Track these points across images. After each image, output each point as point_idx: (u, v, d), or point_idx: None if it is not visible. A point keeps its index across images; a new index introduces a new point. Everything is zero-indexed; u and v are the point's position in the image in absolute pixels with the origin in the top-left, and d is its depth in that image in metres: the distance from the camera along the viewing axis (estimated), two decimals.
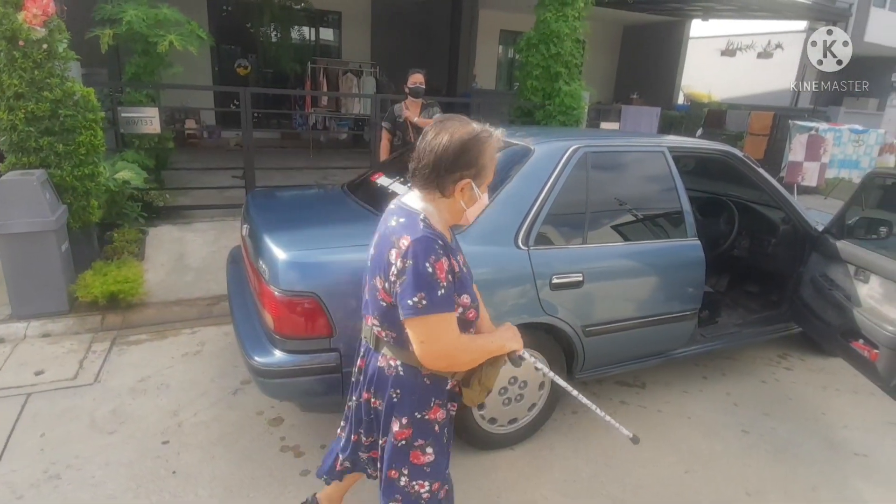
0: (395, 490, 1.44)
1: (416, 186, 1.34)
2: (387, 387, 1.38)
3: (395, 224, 1.30)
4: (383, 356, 1.39)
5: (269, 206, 2.74)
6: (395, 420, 1.39)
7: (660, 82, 13.32)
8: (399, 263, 1.23)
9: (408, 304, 1.21)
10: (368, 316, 1.41)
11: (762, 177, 2.95)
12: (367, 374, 1.44)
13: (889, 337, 2.36)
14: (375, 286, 1.33)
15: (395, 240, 1.26)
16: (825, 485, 2.34)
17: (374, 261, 1.35)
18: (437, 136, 1.28)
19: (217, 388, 2.76)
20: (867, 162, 8.03)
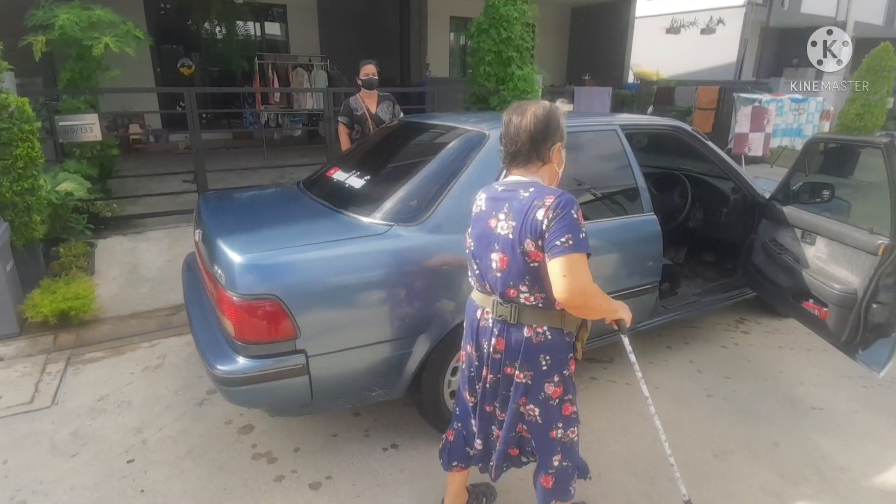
0: (556, 446, 1.63)
1: (519, 164, 1.52)
2: (537, 355, 1.52)
3: (527, 194, 1.44)
4: (529, 327, 1.51)
5: (221, 209, 2.65)
6: (549, 384, 1.56)
7: (610, 62, 13.52)
8: (550, 214, 1.38)
9: (556, 244, 1.37)
10: (507, 290, 1.50)
11: (710, 149, 3.04)
12: (509, 350, 1.54)
13: (836, 295, 2.47)
14: (521, 255, 1.44)
15: (538, 202, 1.41)
16: (786, 440, 2.45)
17: (510, 236, 1.45)
18: (522, 118, 1.49)
19: (182, 400, 2.67)
20: (809, 129, 8.39)
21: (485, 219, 1.54)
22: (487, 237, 1.52)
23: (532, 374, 1.54)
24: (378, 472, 2.20)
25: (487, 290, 1.57)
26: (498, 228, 1.49)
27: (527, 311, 1.51)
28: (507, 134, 1.51)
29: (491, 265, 1.51)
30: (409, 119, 3.20)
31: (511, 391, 1.58)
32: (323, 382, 1.96)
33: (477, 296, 1.64)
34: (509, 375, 1.57)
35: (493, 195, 1.54)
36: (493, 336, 1.56)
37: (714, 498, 2.10)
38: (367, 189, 2.47)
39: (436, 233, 2.12)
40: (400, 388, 2.17)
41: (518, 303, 1.51)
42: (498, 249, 1.49)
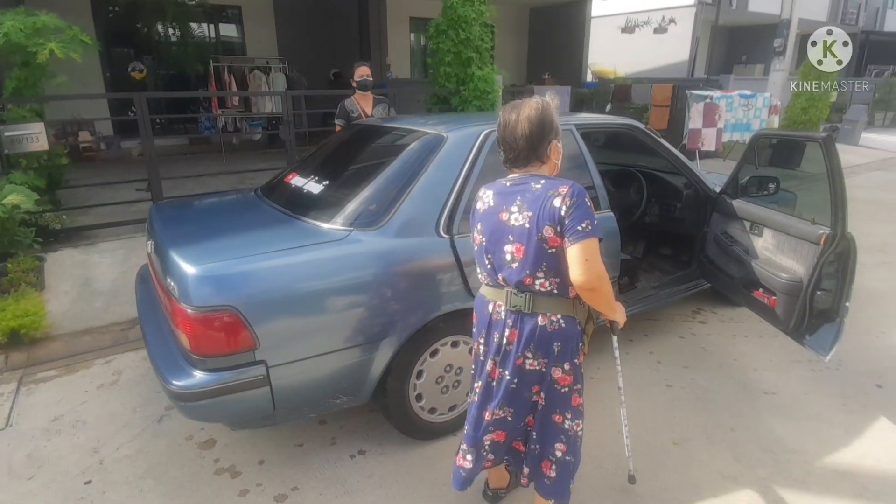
0: (559, 433, 1.66)
1: (519, 167, 1.58)
2: (550, 342, 1.56)
3: (539, 186, 1.51)
4: (543, 315, 1.55)
5: (175, 219, 2.58)
6: (557, 368, 1.60)
7: (569, 62, 13.77)
8: (567, 202, 1.45)
9: (578, 229, 1.44)
10: (524, 279, 1.53)
11: (663, 146, 3.13)
12: (521, 340, 1.57)
13: (783, 283, 2.58)
14: (538, 241, 1.49)
15: (552, 192, 1.48)
16: (741, 425, 2.54)
17: (526, 225, 1.50)
18: (517, 123, 1.53)
19: (140, 417, 2.59)
20: (757, 124, 8.72)
21: (495, 213, 1.57)
22: (500, 230, 1.56)
23: (546, 362, 1.59)
24: (346, 479, 2.18)
25: (500, 282, 1.59)
26: (511, 220, 1.53)
27: (541, 299, 1.55)
28: (503, 139, 1.57)
29: (505, 257, 1.56)
30: (367, 122, 3.18)
31: (522, 383, 1.62)
32: (285, 393, 1.93)
33: (487, 291, 1.67)
34: (520, 367, 1.60)
35: (501, 190, 1.58)
36: (507, 328, 1.59)
37: (675, 485, 2.17)
38: (325, 194, 2.44)
39: (396, 237, 2.11)
40: (365, 394, 2.16)
41: (532, 290, 1.55)
42: (513, 241, 1.54)
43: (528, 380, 1.62)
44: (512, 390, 1.63)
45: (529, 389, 1.63)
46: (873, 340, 3.37)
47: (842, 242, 2.37)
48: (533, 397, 1.65)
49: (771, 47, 11.08)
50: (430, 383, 2.29)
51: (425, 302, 2.15)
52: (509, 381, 1.62)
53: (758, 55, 18.66)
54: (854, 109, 11.99)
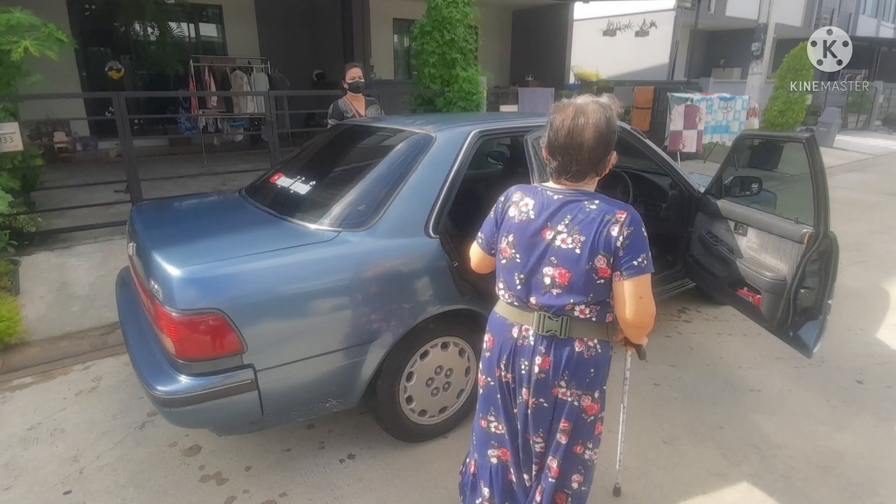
0: (578, 464, 1.55)
1: (572, 179, 1.40)
2: (587, 369, 1.44)
3: (594, 207, 1.36)
4: (580, 341, 1.43)
5: (157, 220, 2.52)
6: (587, 397, 1.48)
7: (551, 64, 13.86)
8: (625, 232, 1.32)
9: (633, 264, 1.33)
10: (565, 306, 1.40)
11: (648, 147, 3.15)
12: (557, 368, 1.44)
13: (767, 282, 2.61)
14: (589, 271, 1.35)
15: (610, 217, 1.34)
16: (728, 422, 2.57)
17: (577, 251, 1.36)
18: (584, 130, 1.33)
19: (121, 424, 2.52)
20: (736, 126, 8.88)
21: (536, 229, 1.41)
22: (540, 250, 1.40)
23: (579, 393, 1.46)
24: (335, 484, 2.15)
25: (532, 305, 1.44)
26: (557, 241, 1.38)
27: (578, 324, 1.42)
28: (562, 147, 1.36)
29: (545, 280, 1.40)
30: (354, 122, 3.15)
31: (556, 415, 1.49)
32: (273, 397, 1.89)
33: (510, 312, 1.50)
34: (555, 397, 1.47)
35: (547, 203, 1.41)
36: (538, 354, 1.44)
37: (665, 483, 2.18)
38: (312, 195, 2.41)
39: (385, 237, 2.09)
40: (354, 397, 2.13)
41: (571, 316, 1.41)
42: (556, 264, 1.38)
43: (562, 414, 1.48)
44: (551, 422, 1.51)
45: (558, 423, 1.49)
46: (852, 337, 3.44)
47: (824, 241, 2.41)
48: (560, 435, 1.51)
49: (748, 51, 11.30)
50: (421, 385, 2.27)
51: (415, 303, 2.13)
52: (549, 410, 1.49)
53: (735, 59, 19.02)
54: (828, 112, 12.29)
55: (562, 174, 1.41)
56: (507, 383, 1.53)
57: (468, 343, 2.39)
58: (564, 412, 1.48)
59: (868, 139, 13.41)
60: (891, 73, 20.14)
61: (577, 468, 1.56)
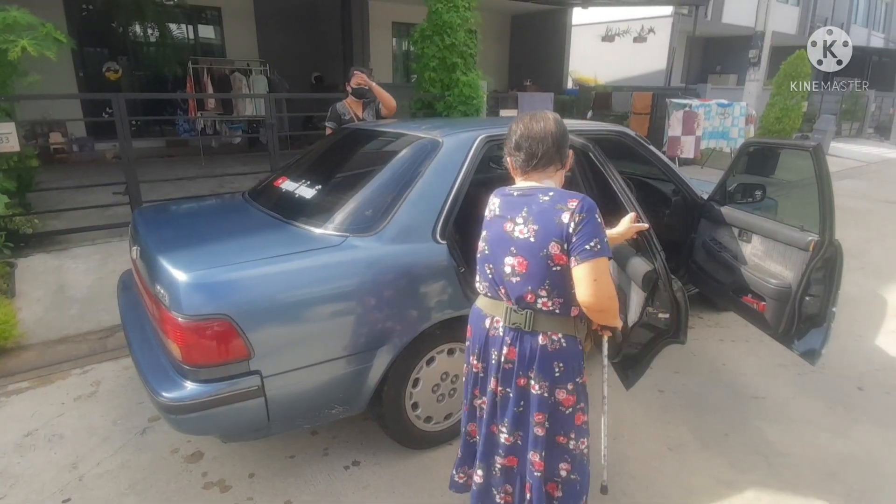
0: (563, 453, 1.60)
1: (539, 168, 1.52)
2: (551, 363, 1.50)
3: (546, 198, 1.46)
4: (544, 335, 1.49)
5: (160, 223, 2.50)
6: (560, 390, 1.53)
7: (549, 69, 13.91)
8: (576, 218, 1.41)
9: (586, 248, 1.40)
10: (524, 295, 1.48)
11: (653, 153, 3.16)
12: (523, 359, 1.51)
13: (773, 289, 2.61)
14: (543, 258, 1.44)
15: (561, 206, 1.43)
16: (733, 430, 2.56)
17: (531, 239, 1.45)
18: (544, 125, 1.51)
19: (121, 430, 2.49)
20: (736, 132, 8.92)
21: (500, 223, 1.53)
22: (503, 241, 1.51)
23: (547, 385, 1.52)
24: (340, 491, 2.12)
25: (501, 295, 1.54)
26: (515, 232, 1.48)
27: (542, 317, 1.49)
28: (528, 138, 1.51)
29: (505, 269, 1.50)
30: (358, 126, 3.14)
31: (527, 407, 1.55)
32: (280, 403, 1.87)
33: (485, 303, 1.60)
34: (523, 388, 1.53)
35: (508, 200, 1.54)
36: (505, 345, 1.52)
37: (672, 491, 2.17)
38: (318, 199, 2.39)
39: (393, 242, 2.07)
40: (361, 404, 2.11)
41: (534, 308, 1.49)
42: (515, 253, 1.48)
43: (534, 406, 1.53)
44: (518, 413, 1.56)
45: (533, 417, 1.54)
46: (852, 344, 3.45)
47: (829, 249, 2.42)
48: (536, 428, 1.55)
49: (743, 58, 11.38)
50: (427, 392, 2.26)
51: (423, 309, 2.11)
52: (514, 401, 1.55)
53: (731, 65, 19.17)
54: (823, 119, 12.38)
55: (529, 164, 1.52)
56: (477, 373, 1.63)
57: None
58: (537, 405, 1.53)
59: (861, 146, 13.53)
60: (882, 81, 20.33)
61: (563, 457, 1.60)
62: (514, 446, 1.60)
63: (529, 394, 1.53)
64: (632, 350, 2.27)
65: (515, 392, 1.54)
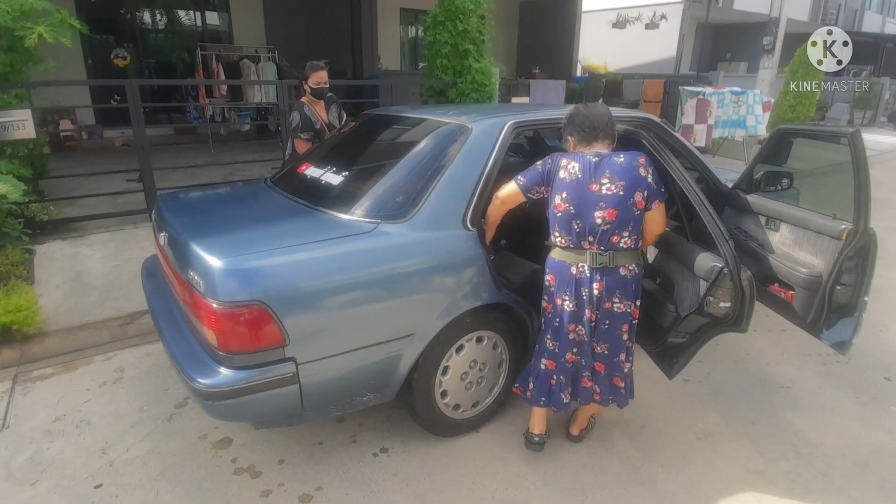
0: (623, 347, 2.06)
1: (599, 140, 1.97)
2: (630, 286, 1.97)
3: (621, 159, 1.91)
4: (623, 267, 1.94)
5: (186, 210, 2.48)
6: (634, 307, 2.02)
7: (558, 56, 13.76)
8: (649, 170, 1.92)
9: (661, 191, 1.94)
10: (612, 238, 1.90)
11: (679, 141, 3.10)
12: (609, 289, 1.94)
13: (803, 278, 2.58)
14: (630, 206, 1.88)
15: (635, 165, 1.89)
16: (761, 419, 2.55)
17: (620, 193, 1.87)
18: (597, 108, 2.03)
19: (148, 416, 2.49)
20: (753, 120, 8.80)
21: (584, 185, 1.89)
22: (591, 199, 1.88)
23: (630, 303, 1.98)
24: (370, 478, 2.12)
25: (585, 245, 1.92)
26: (603, 190, 1.87)
27: (620, 254, 1.93)
28: (588, 117, 1.98)
29: (596, 220, 1.88)
30: (380, 112, 3.10)
31: (613, 323, 1.99)
32: (314, 390, 1.86)
33: (566, 255, 1.98)
34: (608, 310, 1.97)
35: (587, 163, 1.91)
36: (595, 281, 1.94)
37: (703, 479, 2.16)
38: (346, 185, 2.36)
39: (424, 229, 2.05)
40: (392, 391, 2.10)
41: (616, 248, 1.91)
42: (605, 207, 1.87)
43: (618, 320, 1.98)
44: (605, 330, 2.00)
45: (620, 328, 2.00)
46: (878, 335, 3.42)
47: (863, 237, 2.38)
48: (623, 335, 2.02)
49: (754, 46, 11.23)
50: (455, 380, 2.25)
51: (454, 297, 2.09)
52: (601, 321, 1.98)
53: (741, 53, 18.92)
54: (836, 108, 12.25)
55: (593, 136, 1.97)
56: (571, 311, 1.99)
57: (501, 337, 2.36)
58: (620, 320, 1.99)
59: (875, 135, 13.35)
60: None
61: (624, 349, 2.07)
62: (603, 355, 2.06)
63: (613, 313, 1.97)
64: (677, 339, 2.25)
65: (602, 313, 1.98)
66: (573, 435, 2.33)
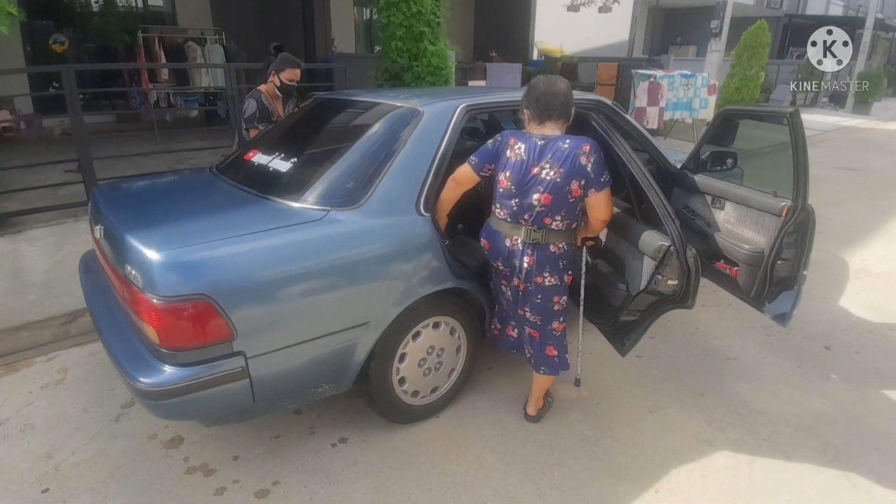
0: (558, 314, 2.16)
1: (552, 119, 1.99)
2: (559, 262, 2.05)
3: (566, 145, 1.93)
4: (554, 245, 2.02)
5: (124, 201, 2.37)
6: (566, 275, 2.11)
7: (515, 39, 13.75)
8: (591, 159, 1.90)
9: (601, 180, 1.93)
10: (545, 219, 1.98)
11: (629, 122, 3.15)
12: (539, 265, 2.03)
13: (746, 254, 2.68)
14: (566, 193, 1.94)
15: (578, 151, 1.90)
16: (710, 390, 2.65)
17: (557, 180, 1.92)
18: (556, 85, 1.99)
19: (94, 418, 2.38)
20: (698, 103, 9.05)
21: (527, 166, 1.96)
22: (530, 181, 1.95)
23: (558, 276, 2.06)
24: (329, 469, 2.10)
25: (522, 221, 2.01)
26: (543, 174, 1.93)
27: (553, 234, 2.01)
28: (545, 94, 1.97)
29: (533, 202, 1.96)
30: (331, 96, 3.02)
31: (545, 297, 2.08)
32: (265, 384, 1.82)
33: (504, 227, 2.07)
34: (539, 284, 2.06)
35: (533, 146, 1.96)
36: (526, 255, 2.03)
37: (656, 451, 2.23)
38: (294, 172, 2.30)
39: (376, 216, 2.01)
40: (348, 381, 2.07)
41: (548, 229, 1.99)
42: (542, 191, 1.94)
43: (549, 293, 2.08)
44: (538, 303, 2.10)
45: (552, 300, 2.09)
46: (817, 305, 3.60)
47: (802, 213, 2.48)
48: (555, 306, 2.12)
49: (703, 30, 11.50)
50: (413, 366, 2.24)
51: (409, 283, 2.07)
52: (534, 293, 2.08)
53: (691, 37, 19.37)
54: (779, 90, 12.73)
55: (543, 116, 1.98)
56: (504, 272, 2.15)
57: (458, 322, 2.36)
58: (553, 291, 2.09)
59: (816, 115, 13.99)
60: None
61: (558, 317, 2.17)
62: (536, 324, 2.17)
63: (545, 287, 2.06)
64: (629, 317, 2.30)
65: (535, 287, 2.07)
66: (531, 415, 2.37)
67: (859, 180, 7.48)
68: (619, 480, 2.08)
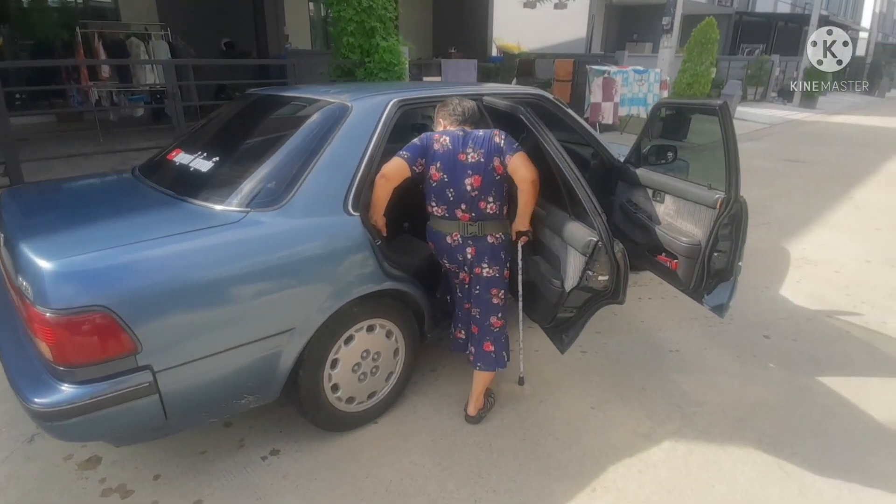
0: (497, 309, 2.23)
1: (466, 124, 2.20)
2: (498, 252, 2.16)
3: (482, 133, 2.12)
4: (491, 236, 2.13)
5: (32, 206, 2.20)
6: (505, 269, 2.22)
7: (474, 36, 13.75)
8: (502, 137, 2.10)
9: (513, 147, 2.08)
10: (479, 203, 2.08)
11: (571, 117, 3.14)
12: (479, 255, 2.14)
13: (684, 247, 2.69)
14: (491, 171, 2.07)
15: (491, 134, 2.11)
16: (651, 383, 2.66)
17: (481, 160, 2.06)
18: (471, 104, 2.26)
19: (6, 439, 2.22)
20: (651, 98, 9.22)
21: (454, 155, 2.07)
22: (460, 168, 2.07)
23: (497, 268, 2.17)
24: (257, 484, 2.00)
25: (458, 213, 2.10)
26: (469, 159, 2.06)
27: (489, 223, 2.11)
28: (459, 105, 2.22)
29: (466, 188, 2.06)
30: (262, 91, 2.90)
31: (483, 288, 2.18)
32: (178, 399, 1.70)
33: (442, 225, 2.15)
34: (478, 275, 2.16)
35: (455, 136, 2.11)
36: (467, 247, 2.13)
37: (594, 448, 2.22)
38: (215, 172, 2.18)
39: (300, 216, 1.92)
40: (274, 391, 1.97)
41: (485, 217, 2.10)
42: (471, 174, 2.06)
43: (488, 285, 2.17)
44: (477, 294, 2.19)
45: (489, 292, 2.18)
46: (758, 295, 3.68)
47: (735, 206, 2.50)
48: (493, 299, 2.19)
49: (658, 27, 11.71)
50: (347, 372, 2.16)
51: (336, 286, 1.99)
52: (473, 285, 2.20)
53: (647, 34, 19.76)
54: (730, 85, 13.07)
55: (460, 121, 2.20)
56: (450, 269, 2.27)
57: (395, 324, 2.29)
58: (492, 283, 2.18)
59: (765, 110, 14.47)
60: (786, 47, 21.76)
61: (497, 313, 2.23)
62: (476, 318, 2.24)
63: (482, 277, 2.16)
64: (566, 314, 2.27)
65: (474, 277, 2.19)
66: (471, 416, 2.32)
67: (804, 171, 7.74)
68: (556, 480, 2.05)
